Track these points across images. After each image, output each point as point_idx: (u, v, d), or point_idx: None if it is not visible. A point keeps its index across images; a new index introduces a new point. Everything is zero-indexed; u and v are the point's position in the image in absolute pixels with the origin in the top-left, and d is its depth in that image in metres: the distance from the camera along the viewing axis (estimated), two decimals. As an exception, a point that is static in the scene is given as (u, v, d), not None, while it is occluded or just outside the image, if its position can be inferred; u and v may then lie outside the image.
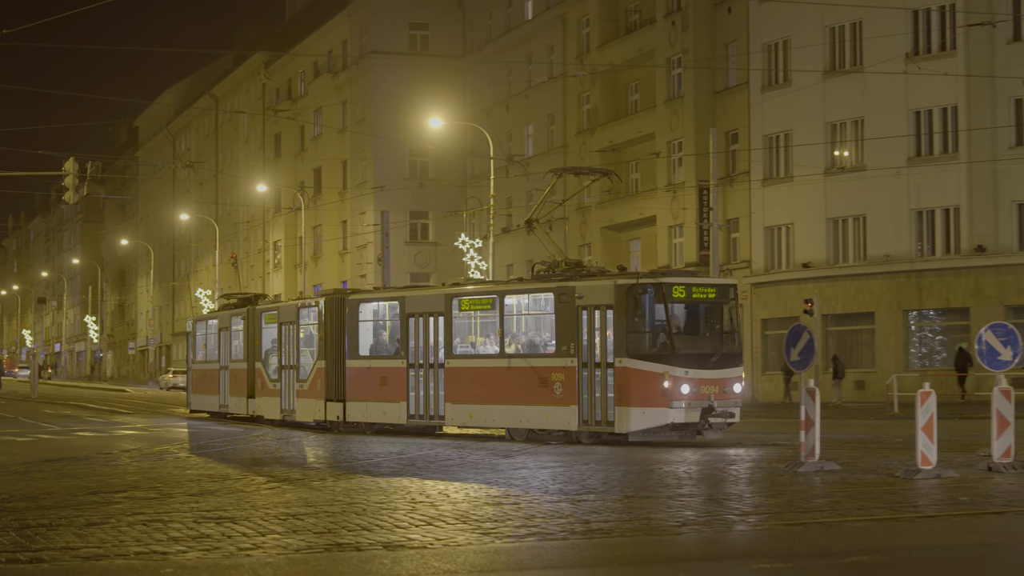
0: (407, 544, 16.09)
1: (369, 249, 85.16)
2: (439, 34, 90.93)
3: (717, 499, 20.59)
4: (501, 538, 16.60)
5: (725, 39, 66.74)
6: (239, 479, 24.83)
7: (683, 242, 67.19)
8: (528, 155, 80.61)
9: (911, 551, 15.75)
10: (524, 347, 35.18)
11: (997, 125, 54.90)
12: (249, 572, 14.20)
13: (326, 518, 18.55)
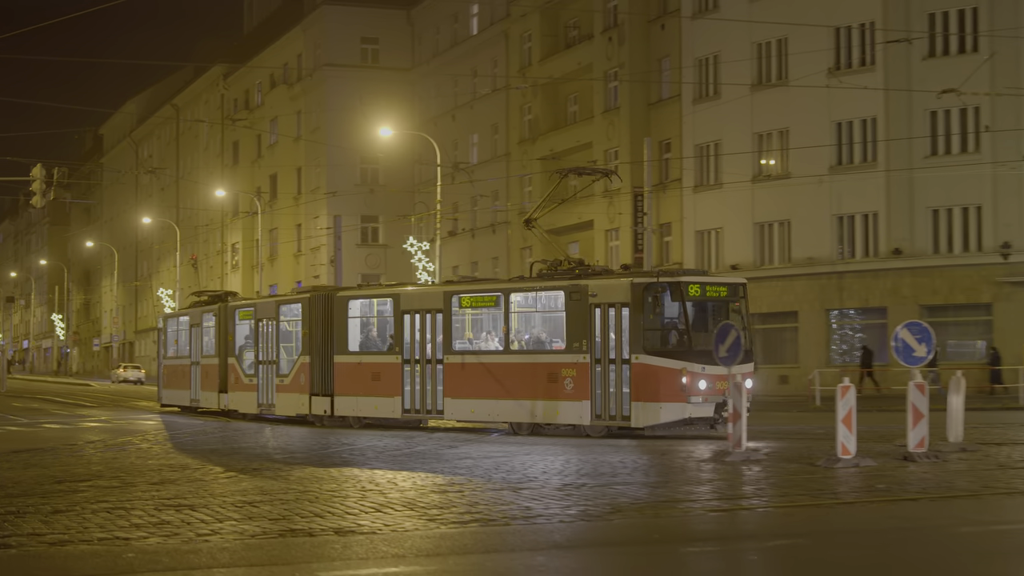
0: (357, 530, 16.09)
1: (322, 251, 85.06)
2: (389, 48, 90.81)
3: (651, 487, 20.66)
4: (446, 524, 16.63)
5: (659, 54, 66.88)
6: (198, 469, 24.77)
7: (619, 245, 67.30)
8: (473, 163, 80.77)
9: (831, 535, 15.85)
10: (531, 343, 34.31)
11: (913, 136, 55.22)
12: (207, 556, 14.18)
13: (280, 505, 18.55)
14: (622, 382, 31.05)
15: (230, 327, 45.35)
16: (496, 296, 34.73)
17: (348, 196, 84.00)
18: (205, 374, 47.30)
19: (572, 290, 32.09)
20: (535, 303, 34.82)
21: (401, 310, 36.48)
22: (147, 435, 35.55)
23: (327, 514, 17.51)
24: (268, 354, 42.41)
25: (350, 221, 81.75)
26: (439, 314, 35.39)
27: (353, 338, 38.76)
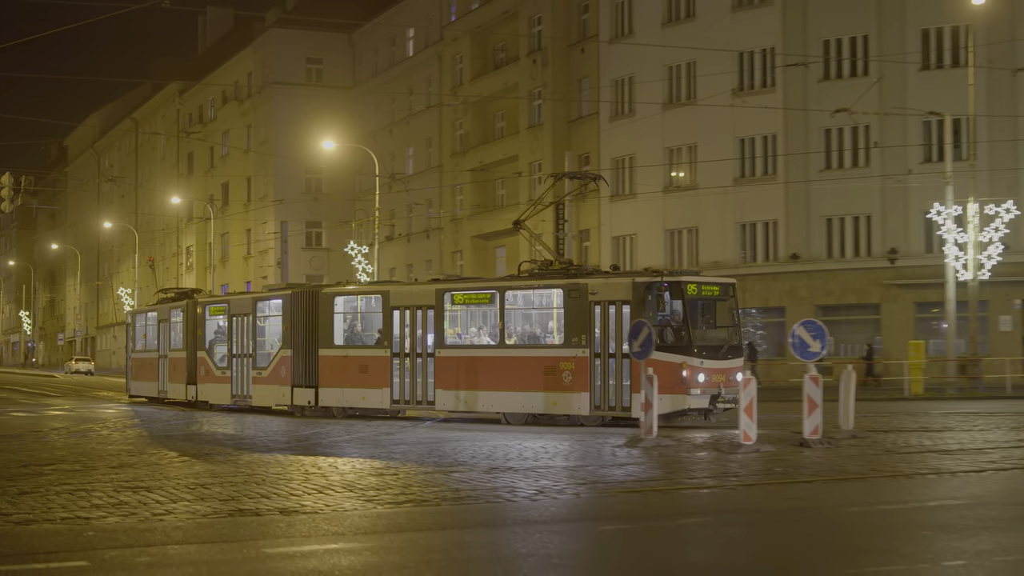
0: (300, 510, 16.02)
1: (270, 254, 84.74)
2: (332, 68, 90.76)
3: (571, 470, 20.68)
4: (382, 504, 16.57)
5: (579, 75, 67.02)
6: (154, 453, 24.60)
7: (542, 249, 67.19)
8: (409, 173, 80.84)
9: (734, 514, 15.91)
10: (526, 338, 33.37)
11: (809, 151, 55.61)
12: (161, 535, 14.08)
13: (230, 487, 18.44)
14: (622, 375, 30.55)
15: (199, 322, 43.87)
16: (491, 293, 34.01)
17: (294, 203, 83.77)
18: (173, 367, 45.96)
19: (571, 288, 31.63)
20: (532, 300, 34.05)
21: (390, 306, 35.52)
22: (107, 423, 35.24)
23: (273, 495, 17.42)
24: (243, 348, 41.14)
25: (295, 226, 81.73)
26: (430, 310, 34.55)
27: (339, 332, 37.63)
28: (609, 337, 30.81)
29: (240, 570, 12.00)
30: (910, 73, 53.85)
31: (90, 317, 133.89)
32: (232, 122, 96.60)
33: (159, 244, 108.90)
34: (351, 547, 13.23)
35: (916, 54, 54.15)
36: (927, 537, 13.63)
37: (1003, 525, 14.49)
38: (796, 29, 56.65)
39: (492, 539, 13.98)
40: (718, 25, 58.74)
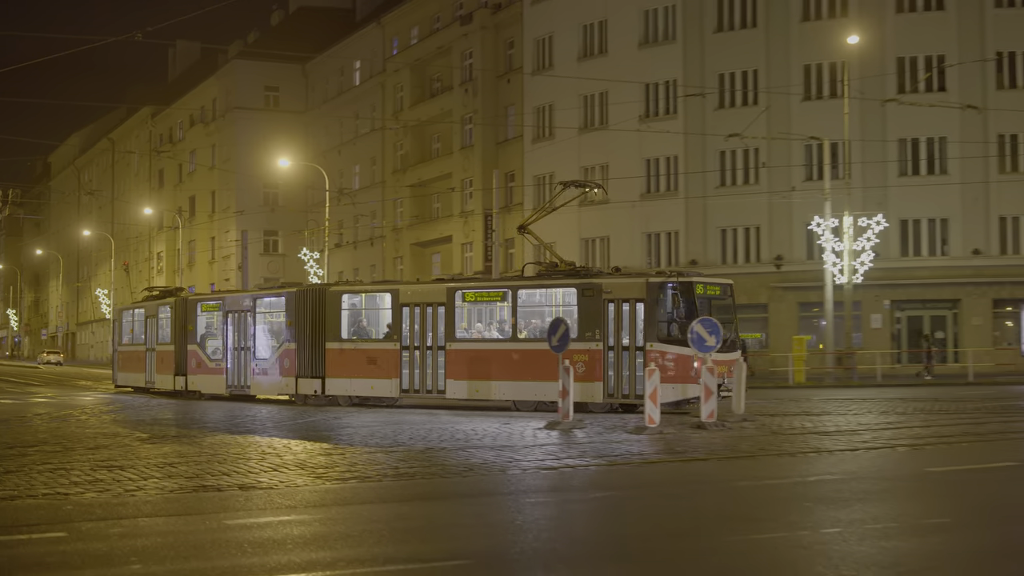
0: (257, 486, 15.93)
1: (232, 259, 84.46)
2: (287, 95, 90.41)
3: (497, 450, 20.67)
4: (330, 480, 16.51)
5: (505, 103, 67.09)
6: (127, 436, 24.36)
7: (472, 256, 67.43)
8: (355, 188, 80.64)
9: (639, 488, 15.96)
10: (537, 333, 31.63)
11: (706, 170, 55.93)
12: (133, 508, 13.96)
13: (195, 466, 18.30)
14: (635, 366, 29.77)
15: (190, 318, 41.58)
16: (503, 291, 32.93)
17: (253, 214, 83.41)
18: (160, 360, 43.69)
19: (585, 287, 30.81)
20: (544, 298, 32.73)
21: (400, 303, 34.06)
22: (85, 409, 34.86)
23: (233, 473, 17.32)
24: (240, 342, 38.95)
25: (255, 235, 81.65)
26: (441, 307, 33.27)
27: (346, 327, 35.67)
28: (622, 332, 30.10)
29: (203, 540, 11.90)
30: (794, 103, 54.25)
31: (71, 315, 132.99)
32: (198, 142, 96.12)
33: (133, 250, 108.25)
34: (302, 519, 13.18)
35: (799, 86, 54.59)
36: (808, 508, 13.71)
37: (873, 497, 14.62)
38: (695, 64, 56.96)
39: (427, 511, 13.96)
40: (627, 60, 58.94)
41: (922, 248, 53.28)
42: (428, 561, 10.54)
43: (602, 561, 10.54)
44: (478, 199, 66.92)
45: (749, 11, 56.26)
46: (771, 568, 9.96)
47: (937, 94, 52.02)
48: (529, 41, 64.60)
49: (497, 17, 67.62)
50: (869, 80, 51.59)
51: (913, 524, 12.28)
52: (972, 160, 52.12)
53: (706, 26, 57.03)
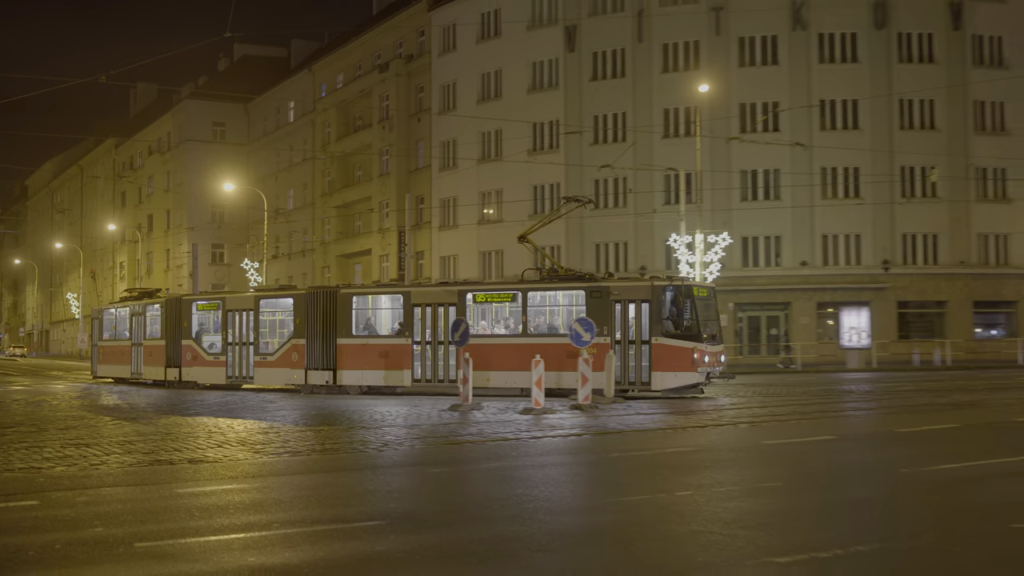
0: (204, 460, 15.73)
1: (184, 268, 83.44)
2: (232, 129, 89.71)
3: (408, 428, 20.60)
4: (267, 455, 16.35)
5: (416, 138, 66.98)
6: (93, 419, 23.94)
7: (388, 266, 67.20)
8: (290, 208, 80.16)
9: (525, 458, 15.98)
10: (545, 329, 31.00)
11: (584, 195, 56.24)
12: (97, 480, 13.71)
13: (151, 443, 18.03)
14: (641, 357, 29.27)
15: (184, 315, 38.84)
16: (513, 293, 31.68)
17: (202, 230, 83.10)
18: (149, 353, 40.90)
19: (593, 290, 30.13)
20: (554, 299, 31.62)
21: (411, 303, 32.61)
22: (57, 396, 34.17)
23: (184, 449, 17.08)
24: (241, 337, 36.65)
25: (203, 247, 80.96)
26: (452, 307, 31.97)
27: (357, 325, 33.93)
28: (629, 328, 29.56)
29: (157, 506, 11.74)
30: (655, 140, 54.74)
31: (45, 315, 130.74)
32: (155, 169, 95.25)
33: (99, 260, 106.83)
34: (242, 487, 13.04)
35: (659, 126, 55.09)
36: (665, 475, 13.81)
37: (718, 465, 14.78)
38: (574, 107, 57.28)
39: (349, 480, 13.88)
40: (517, 103, 59.11)
41: (760, 260, 53.98)
42: (349, 522, 10.48)
43: (494, 520, 10.55)
44: (393, 218, 66.78)
45: (618, 64, 56.70)
46: (637, 524, 10.03)
47: (772, 134, 52.76)
48: (436, 87, 64.57)
49: (410, 66, 67.53)
50: (717, 121, 52.19)
51: (751, 487, 12.42)
52: (800, 188, 52.94)
53: (583, 76, 57.38)
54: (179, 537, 9.78)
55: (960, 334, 53.30)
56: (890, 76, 53.94)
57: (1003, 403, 25.05)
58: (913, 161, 53.49)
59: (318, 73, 79.67)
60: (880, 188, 53.25)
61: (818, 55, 54.21)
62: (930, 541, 9.12)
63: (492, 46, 61.22)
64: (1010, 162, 54.19)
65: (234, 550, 9.22)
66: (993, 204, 54.38)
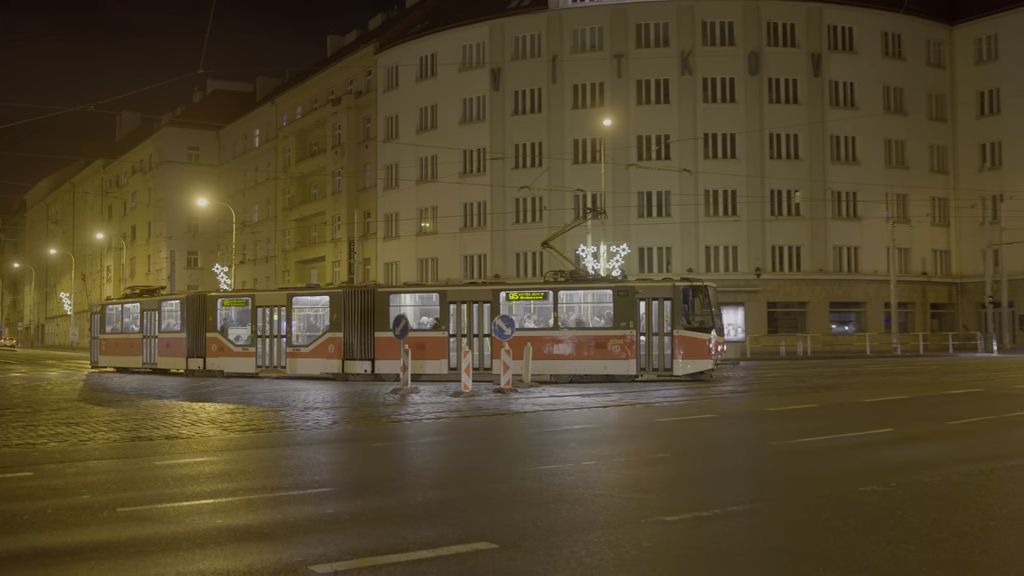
0: (179, 436, 15.49)
1: (163, 271, 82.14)
2: (206, 153, 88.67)
3: (352, 408, 20.46)
4: (233, 431, 16.15)
5: (364, 161, 66.65)
6: (82, 401, 23.50)
7: (340, 271, 66.78)
8: (255, 221, 79.39)
9: (458, 434, 15.94)
10: (573, 323, 30.41)
11: (506, 212, 56.28)
12: (85, 454, 13.44)
13: (133, 422, 17.72)
14: (664, 347, 29.18)
15: (209, 310, 36.32)
16: (545, 292, 30.71)
17: (179, 239, 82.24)
18: (166, 345, 38.33)
19: (619, 289, 29.68)
20: (583, 297, 30.83)
21: (447, 301, 31.56)
22: (51, 382, 33.46)
23: (161, 427, 16.81)
24: (272, 330, 34.64)
25: (180, 254, 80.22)
26: (486, 304, 31.05)
27: (394, 320, 31.09)
28: (652, 322, 29.34)
29: (137, 476, 11.52)
30: (567, 165, 54.97)
31: (40, 312, 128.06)
32: (138, 186, 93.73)
33: (88, 264, 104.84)
34: (212, 459, 12.85)
35: (570, 154, 55.33)
36: (574, 447, 13.82)
37: (617, 440, 14.85)
38: (498, 137, 57.32)
39: (304, 453, 13.74)
40: (451, 133, 59.04)
41: (654, 268, 54.40)
42: (303, 489, 10.38)
43: (428, 487, 10.51)
44: (344, 230, 66.38)
45: (536, 101, 56.83)
46: (550, 489, 10.05)
47: (664, 161, 53.23)
48: (381, 118, 64.26)
49: (359, 100, 67.18)
50: (618, 150, 52.55)
51: (645, 458, 12.50)
52: (687, 207, 53.46)
53: (506, 110, 57.43)
54: (156, 503, 9.62)
55: (819, 330, 54.17)
56: (762, 114, 54.69)
57: (853, 387, 25.48)
58: (781, 185, 54.29)
59: (280, 105, 78.96)
60: (753, 208, 53.95)
61: (702, 96, 54.79)
62: (793, 502, 9.24)
63: (429, 84, 61.06)
64: (860, 187, 55.21)
65: (204, 513, 9.09)
66: (846, 222, 55.35)
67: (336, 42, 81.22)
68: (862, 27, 56.50)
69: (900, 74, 57.34)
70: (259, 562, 7.22)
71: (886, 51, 57.06)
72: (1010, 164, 56.92)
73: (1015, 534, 7.73)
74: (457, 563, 7.11)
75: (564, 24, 56.44)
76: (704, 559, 7.16)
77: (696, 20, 55.10)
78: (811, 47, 55.43)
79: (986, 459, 11.78)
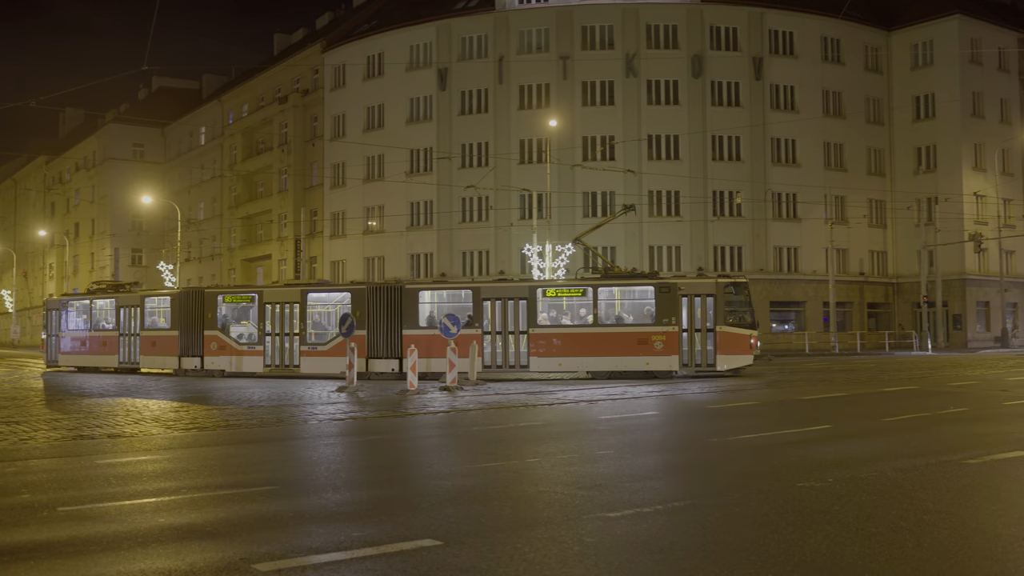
0: (122, 435, 15.27)
1: (107, 269, 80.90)
2: (151, 150, 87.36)
3: (301, 406, 20.30)
4: (177, 430, 15.95)
5: (311, 160, 66.16)
6: (24, 399, 23.07)
7: (286, 269, 66.22)
8: (200, 219, 78.46)
9: (401, 431, 15.90)
10: (612, 319, 30.02)
11: (452, 211, 56.20)
12: (25, 452, 13.20)
13: (75, 420, 17.43)
14: (707, 343, 29.23)
15: (208, 307, 33.98)
16: (584, 289, 30.21)
17: (123, 236, 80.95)
18: (152, 343, 35.64)
19: (662, 286, 29.54)
20: (623, 294, 30.50)
21: (481, 298, 30.71)
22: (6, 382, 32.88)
23: (104, 425, 16.56)
24: (284, 328, 32.76)
25: (124, 251, 79.21)
26: (522, 301, 30.31)
27: (423, 317, 31.52)
28: (695, 318, 29.34)
29: (78, 475, 11.33)
30: (512, 165, 55.01)
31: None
32: (82, 183, 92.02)
33: (31, 262, 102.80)
34: (155, 458, 12.68)
35: (516, 154, 55.38)
36: (518, 445, 13.85)
37: (562, 437, 14.88)
38: (445, 136, 57.21)
39: (249, 451, 13.62)
40: (398, 132, 58.81)
41: (598, 267, 54.56)
42: (248, 487, 10.28)
43: (373, 485, 10.47)
44: (290, 228, 65.86)
45: (483, 101, 56.81)
46: (494, 485, 10.04)
47: (608, 162, 53.48)
48: (328, 117, 63.86)
49: (306, 99, 66.69)
50: (563, 151, 52.70)
51: (588, 455, 12.53)
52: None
53: (453, 110, 57.35)
54: (97, 502, 9.47)
55: (760, 328, 54.70)
56: (705, 116, 55.16)
57: (792, 384, 25.78)
58: (723, 186, 54.81)
59: (226, 103, 78.15)
60: (696, 208, 54.39)
61: (647, 98, 55.13)
62: (732, 497, 9.32)
63: (376, 84, 60.79)
64: (800, 188, 55.89)
65: (146, 512, 8.96)
66: (786, 222, 56.02)
67: (283, 40, 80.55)
68: (802, 32, 57.21)
69: (839, 78, 58.16)
70: (201, 561, 7.13)
71: (825, 56, 57.83)
72: (944, 167, 57.98)
73: (947, 528, 7.87)
74: (401, 560, 7.08)
75: (511, 25, 56.49)
76: (645, 553, 7.20)
77: (641, 23, 55.44)
78: (753, 51, 56.01)
79: (920, 455, 11.98)
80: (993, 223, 57.77)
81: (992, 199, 57.95)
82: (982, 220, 57.67)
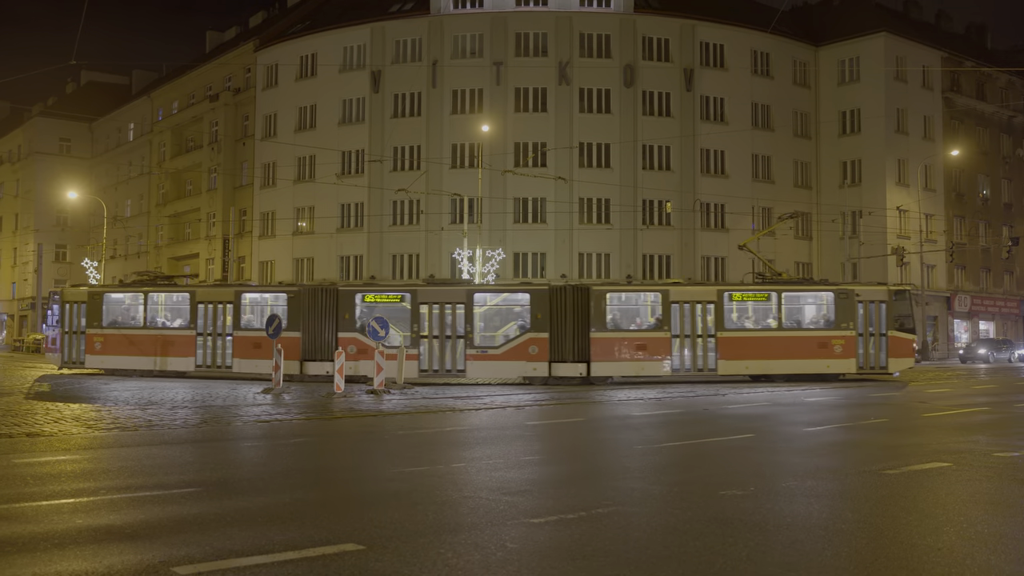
0: (42, 434, 14.93)
1: (30, 265, 79.11)
2: (78, 145, 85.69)
3: (227, 408, 20.01)
4: (98, 430, 15.64)
5: (241, 159, 65.36)
6: None
7: (213, 268, 65.33)
8: (128, 216, 77.05)
9: (327, 435, 15.76)
10: (792, 324, 31.16)
11: (383, 213, 55.91)
12: None
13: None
14: (879, 347, 31.08)
15: (344, 307, 31.71)
16: (768, 294, 31.30)
17: (47, 232, 79.31)
18: (254, 345, 31.81)
19: (841, 292, 31.40)
20: (804, 299, 31.90)
21: (670, 301, 30.52)
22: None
23: (23, 424, 16.17)
24: (446, 330, 30.82)
25: (48, 247, 77.28)
26: (711, 304, 30.66)
27: (610, 319, 30.65)
28: (869, 323, 31.23)
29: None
30: (445, 170, 54.90)
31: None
32: (6, 177, 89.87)
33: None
34: (74, 458, 12.41)
35: (448, 158, 55.29)
36: (443, 449, 13.82)
37: (489, 442, 14.87)
38: (377, 139, 56.90)
39: (170, 452, 13.39)
40: (330, 133, 58.38)
41: (528, 272, 54.76)
42: (169, 488, 10.10)
43: (297, 488, 10.36)
44: (219, 227, 65.01)
45: (416, 104, 56.63)
46: (419, 490, 10.00)
47: (540, 168, 53.65)
48: (260, 116, 63.16)
49: (237, 97, 65.90)
50: (495, 156, 52.76)
51: (515, 460, 12.54)
52: (562, 214, 54.01)
53: (385, 113, 57.09)
54: (14, 502, 9.23)
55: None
56: (636, 126, 55.64)
57: (718, 393, 26.07)
58: (653, 195, 55.32)
59: (156, 100, 76.99)
60: (626, 216, 54.82)
61: (579, 106, 55.44)
62: (656, 505, 9.39)
63: (309, 84, 60.29)
64: (728, 199, 56.64)
65: (64, 513, 8.76)
66: (714, 232, 56.73)
67: (215, 38, 79.52)
68: (733, 45, 58.01)
69: (768, 92, 59.07)
70: (120, 563, 6.99)
71: (755, 69, 58.71)
72: (868, 181, 59.19)
73: (865, 538, 8.01)
74: (322, 564, 7.01)
75: (445, 29, 56.43)
76: (568, 560, 7.22)
77: (574, 31, 55.76)
78: (684, 62, 56.64)
79: (840, 465, 12.18)
80: (915, 237, 59.10)
81: (914, 214, 59.30)
82: (905, 234, 58.98)
